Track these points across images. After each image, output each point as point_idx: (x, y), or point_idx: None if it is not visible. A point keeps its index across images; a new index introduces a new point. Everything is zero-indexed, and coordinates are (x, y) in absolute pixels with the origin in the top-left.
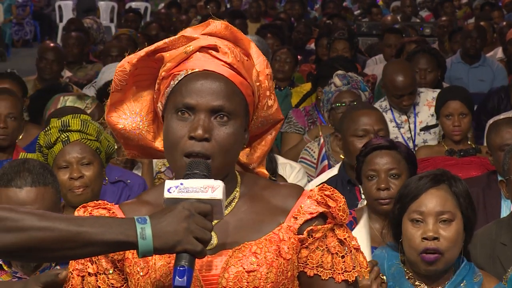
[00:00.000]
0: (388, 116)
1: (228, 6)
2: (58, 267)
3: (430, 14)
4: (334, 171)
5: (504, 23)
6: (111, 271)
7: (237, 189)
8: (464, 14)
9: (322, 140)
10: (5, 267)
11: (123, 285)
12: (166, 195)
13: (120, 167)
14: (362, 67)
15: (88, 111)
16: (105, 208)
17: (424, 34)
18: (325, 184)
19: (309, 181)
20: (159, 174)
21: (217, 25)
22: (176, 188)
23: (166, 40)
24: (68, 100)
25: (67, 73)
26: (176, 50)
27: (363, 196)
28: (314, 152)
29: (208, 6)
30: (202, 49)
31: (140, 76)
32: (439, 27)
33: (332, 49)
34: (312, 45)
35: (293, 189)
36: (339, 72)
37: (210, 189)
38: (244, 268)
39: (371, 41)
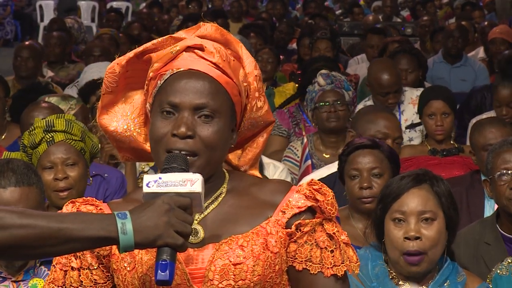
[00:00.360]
0: None
1: (210, 6)
2: (42, 266)
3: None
4: (334, 167)
5: (486, 22)
6: (95, 267)
7: (224, 185)
8: (445, 14)
9: (305, 140)
10: None
11: (106, 282)
12: (145, 189)
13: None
14: (344, 67)
15: (72, 112)
16: (93, 205)
17: (405, 34)
18: (314, 179)
19: (293, 180)
20: (142, 174)
21: (207, 27)
22: (155, 183)
23: (155, 41)
24: (52, 101)
25: (49, 73)
26: (163, 51)
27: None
28: (297, 151)
29: (190, 6)
30: (188, 49)
31: (131, 79)
32: (421, 27)
33: (314, 49)
34: (294, 45)
35: (281, 184)
36: (323, 71)
37: (189, 182)
38: (230, 261)
39: (352, 41)
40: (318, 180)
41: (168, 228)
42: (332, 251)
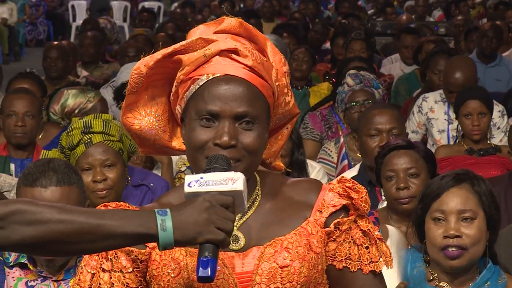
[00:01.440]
0: (443, 108)
1: (242, 5)
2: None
3: (443, 14)
4: (354, 171)
5: None
6: (130, 270)
7: (257, 187)
8: (478, 13)
9: (342, 140)
10: (30, 266)
11: (137, 287)
12: (187, 189)
13: (140, 166)
14: (378, 66)
15: (90, 105)
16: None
17: (438, 34)
18: (344, 176)
19: (329, 181)
20: (179, 174)
21: (231, 21)
22: (196, 182)
23: (184, 42)
24: (71, 94)
25: (83, 73)
26: (195, 53)
27: (383, 197)
28: (331, 152)
29: (223, 6)
30: (221, 52)
31: (155, 76)
32: (455, 27)
33: (349, 50)
34: (327, 45)
35: (312, 183)
36: (351, 71)
37: (231, 181)
38: (277, 264)
39: (386, 41)
40: None
41: (209, 224)
42: (367, 247)
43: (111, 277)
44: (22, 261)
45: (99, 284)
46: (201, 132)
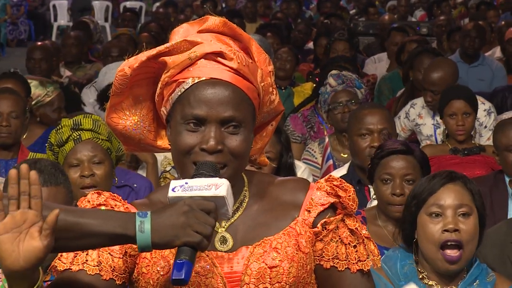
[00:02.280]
0: (430, 112)
1: (224, 5)
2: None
3: (424, 14)
4: (343, 170)
5: (503, 22)
6: (118, 255)
7: (245, 188)
8: (459, 13)
9: (326, 140)
10: None
11: (123, 274)
12: (170, 194)
13: (125, 166)
14: (360, 66)
15: (48, 99)
16: (120, 201)
17: (421, 34)
18: (332, 175)
19: (314, 181)
20: (164, 174)
21: (215, 20)
22: (180, 187)
23: (168, 44)
24: (31, 84)
25: (66, 73)
26: (180, 56)
27: (372, 196)
28: (315, 152)
29: (205, 6)
30: (207, 55)
31: (139, 76)
32: (437, 27)
33: (332, 50)
34: (310, 45)
35: (299, 182)
36: (333, 72)
37: (214, 186)
38: (266, 264)
39: (368, 41)
40: None
41: (186, 227)
42: (355, 246)
43: (99, 256)
44: None
45: (86, 260)
46: (187, 137)
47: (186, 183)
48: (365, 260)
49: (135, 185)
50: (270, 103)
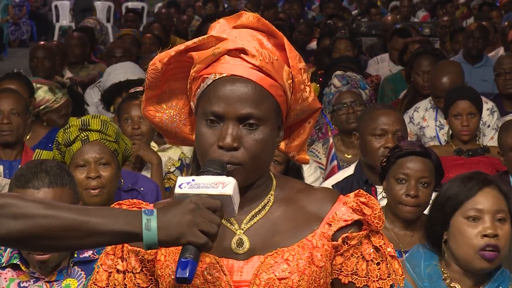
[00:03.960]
0: (432, 114)
1: (226, 5)
2: (76, 267)
3: (427, 14)
4: (350, 170)
5: (506, 23)
6: (138, 270)
7: (271, 192)
8: (462, 14)
9: (331, 141)
10: (22, 267)
11: (149, 286)
12: (177, 190)
13: (129, 167)
14: (364, 67)
15: (56, 105)
16: (139, 208)
17: (423, 34)
18: (361, 190)
19: (320, 178)
20: (168, 174)
21: (248, 17)
22: (187, 184)
23: (196, 40)
24: (40, 89)
25: (68, 74)
26: (205, 52)
27: (379, 197)
28: (319, 153)
29: (207, 6)
30: (230, 51)
31: (174, 70)
32: (440, 27)
33: (334, 49)
34: (312, 44)
35: (328, 193)
36: (338, 72)
37: (221, 185)
38: (275, 275)
39: (370, 41)
40: (335, 184)
41: (192, 226)
42: (378, 264)
43: (124, 278)
44: (15, 262)
45: (114, 284)
46: (207, 134)
47: (193, 180)
48: (385, 279)
49: (142, 189)
50: (303, 101)
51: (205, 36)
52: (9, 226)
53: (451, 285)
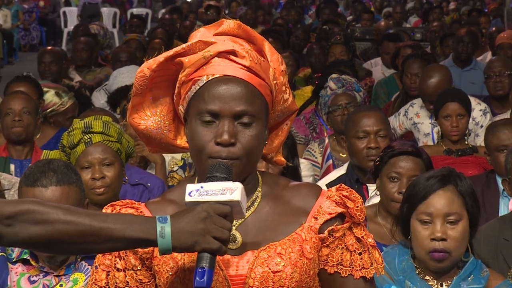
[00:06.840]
0: (427, 112)
1: (227, 12)
2: (83, 262)
3: (419, 20)
4: (342, 170)
5: (494, 28)
6: (139, 267)
7: (258, 189)
8: (452, 20)
9: (326, 141)
10: (32, 262)
11: (150, 281)
12: (187, 198)
13: (135, 166)
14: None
15: (63, 108)
16: (132, 207)
17: (415, 39)
18: (343, 184)
19: (314, 179)
20: (171, 173)
21: (229, 24)
22: (196, 192)
23: (184, 45)
24: (47, 92)
25: (77, 77)
26: (195, 55)
27: (370, 194)
28: (315, 152)
29: (209, 12)
30: (220, 54)
31: (158, 78)
32: (431, 32)
33: (329, 54)
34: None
35: (311, 189)
36: (333, 75)
37: (229, 191)
38: (270, 269)
39: (364, 46)
40: (329, 183)
41: (205, 234)
42: (360, 254)
43: (125, 276)
44: (25, 257)
45: (116, 283)
46: (202, 132)
47: (202, 187)
48: (368, 268)
49: (149, 184)
50: (284, 102)
51: (193, 41)
52: (31, 231)
53: (425, 278)
